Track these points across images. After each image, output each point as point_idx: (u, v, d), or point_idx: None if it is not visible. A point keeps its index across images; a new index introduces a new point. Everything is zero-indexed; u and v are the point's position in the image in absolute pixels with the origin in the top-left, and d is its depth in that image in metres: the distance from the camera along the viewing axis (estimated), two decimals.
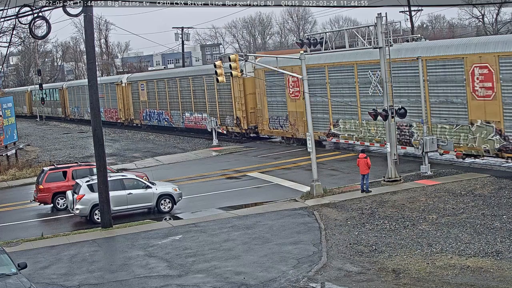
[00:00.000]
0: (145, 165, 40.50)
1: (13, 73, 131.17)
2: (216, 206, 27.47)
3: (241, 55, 28.83)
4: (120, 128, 67.69)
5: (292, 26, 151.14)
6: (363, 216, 22.98)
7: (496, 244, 18.66)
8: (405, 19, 59.30)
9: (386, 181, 27.88)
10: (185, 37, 76.38)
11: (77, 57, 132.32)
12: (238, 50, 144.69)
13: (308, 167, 29.86)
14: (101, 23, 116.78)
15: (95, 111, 25.01)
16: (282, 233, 21.66)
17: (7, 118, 44.28)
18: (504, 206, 22.68)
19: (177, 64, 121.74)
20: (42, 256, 21.30)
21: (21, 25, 27.05)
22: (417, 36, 37.83)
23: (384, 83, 27.87)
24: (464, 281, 16.05)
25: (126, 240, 22.64)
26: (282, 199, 27.08)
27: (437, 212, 22.55)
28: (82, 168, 30.57)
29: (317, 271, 17.61)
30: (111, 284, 18.04)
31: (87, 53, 25.34)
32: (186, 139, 52.55)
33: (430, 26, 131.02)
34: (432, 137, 29.24)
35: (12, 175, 39.27)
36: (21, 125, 73.53)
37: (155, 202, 27.02)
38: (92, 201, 26.05)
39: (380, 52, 27.77)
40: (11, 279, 15.84)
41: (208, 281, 17.51)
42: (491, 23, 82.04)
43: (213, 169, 36.87)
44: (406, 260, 17.96)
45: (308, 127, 27.79)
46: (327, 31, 35.79)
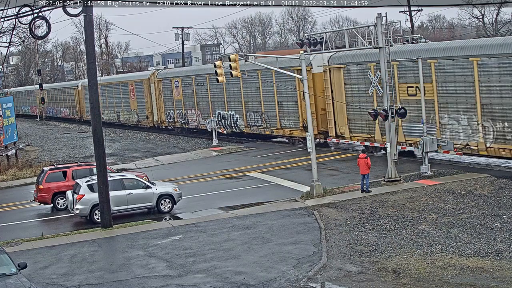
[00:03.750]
0: (145, 165, 40.50)
1: (13, 73, 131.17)
2: (216, 206, 27.47)
3: (241, 55, 28.79)
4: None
5: (292, 26, 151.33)
6: (363, 216, 22.98)
7: (496, 244, 18.67)
8: (405, 19, 59.42)
9: (386, 181, 27.88)
10: (185, 37, 76.37)
11: (77, 57, 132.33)
12: (238, 50, 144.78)
13: (308, 167, 29.86)
14: (101, 23, 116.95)
15: (95, 111, 25.03)
16: (282, 233, 21.66)
17: (7, 118, 44.29)
18: (504, 206, 22.68)
19: (177, 64, 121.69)
20: (42, 256, 21.30)
21: (21, 25, 27.06)
22: (417, 36, 37.82)
23: (384, 83, 27.87)
24: (464, 281, 16.05)
25: (126, 240, 22.64)
26: (282, 199, 27.07)
27: (437, 212, 22.55)
28: (82, 168, 30.56)
29: (317, 271, 17.61)
30: (111, 284, 18.04)
31: (87, 53, 25.34)
32: (186, 139, 52.53)
33: (430, 26, 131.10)
34: (432, 137, 29.24)
35: (12, 175, 39.27)
36: (21, 125, 73.53)
37: (155, 202, 27.02)
38: (92, 201, 26.05)
39: (380, 52, 27.77)
40: (11, 279, 15.84)
41: (208, 281, 17.52)
42: (491, 23, 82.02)
43: (213, 169, 36.87)
44: (406, 260, 17.96)
45: (308, 127, 27.78)
46: (327, 31, 35.81)
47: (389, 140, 28.00)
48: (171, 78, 56.66)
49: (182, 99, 54.26)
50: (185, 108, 53.70)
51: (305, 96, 27.92)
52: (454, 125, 30.41)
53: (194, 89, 52.23)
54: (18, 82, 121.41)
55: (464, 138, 29.89)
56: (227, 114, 48.54)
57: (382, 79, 28.02)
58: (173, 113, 56.65)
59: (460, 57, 29.62)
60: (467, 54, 29.18)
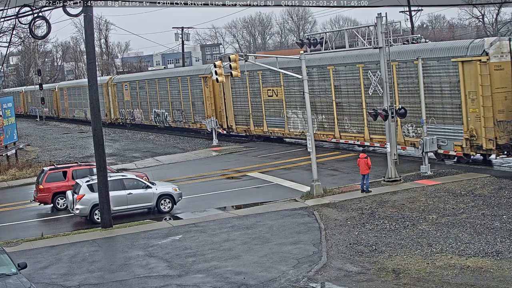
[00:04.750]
0: (145, 165, 40.50)
1: (13, 73, 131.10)
2: (216, 206, 27.47)
3: (241, 55, 28.79)
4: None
5: (292, 26, 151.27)
6: (363, 216, 22.98)
7: (496, 244, 18.67)
8: (405, 19, 59.42)
9: (386, 181, 27.89)
10: (185, 37, 76.36)
11: (77, 57, 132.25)
12: (238, 50, 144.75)
13: (308, 167, 29.85)
14: (101, 23, 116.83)
15: (95, 111, 25.03)
16: (282, 233, 21.66)
17: (7, 118, 44.29)
18: (504, 206, 22.68)
19: (177, 64, 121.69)
20: (42, 256, 21.30)
21: (21, 25, 27.01)
22: (417, 36, 37.82)
23: (384, 83, 27.88)
24: (464, 281, 16.05)
25: (126, 240, 22.64)
26: (282, 199, 27.07)
27: (437, 212, 22.55)
28: (82, 168, 30.55)
29: (317, 271, 17.61)
30: (111, 284, 18.04)
31: (87, 53, 25.34)
32: (186, 139, 52.56)
33: (430, 26, 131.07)
34: (432, 137, 29.24)
35: (12, 175, 39.26)
36: (21, 125, 73.52)
37: (155, 202, 27.02)
38: (92, 201, 26.05)
39: (380, 52, 27.77)
40: (11, 279, 15.83)
41: (208, 281, 17.52)
42: (491, 23, 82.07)
43: (213, 169, 36.87)
44: (406, 260, 17.95)
45: (308, 127, 27.79)
46: (327, 31, 35.87)
47: (389, 140, 28.00)
48: (122, 82, 67.06)
49: (130, 100, 64.87)
50: (132, 107, 64.86)
51: (305, 96, 27.87)
52: (295, 118, 41.52)
53: (138, 92, 62.98)
54: (18, 82, 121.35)
55: (301, 127, 40.71)
56: (160, 112, 59.35)
57: (382, 79, 28.03)
58: (124, 111, 67.29)
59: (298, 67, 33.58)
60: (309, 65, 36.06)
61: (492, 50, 28.88)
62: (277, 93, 42.32)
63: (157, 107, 59.34)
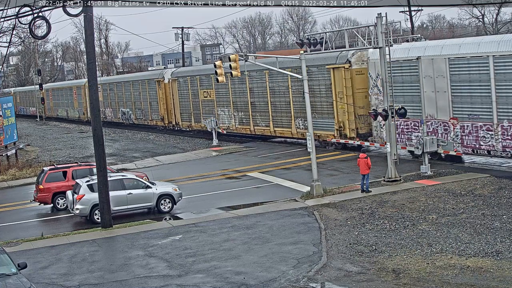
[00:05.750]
0: (145, 165, 40.50)
1: (13, 73, 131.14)
2: (216, 206, 27.47)
3: (241, 55, 28.79)
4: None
5: (292, 26, 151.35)
6: (363, 216, 22.97)
7: (496, 244, 18.66)
8: (405, 19, 59.39)
9: (386, 181, 27.88)
10: (185, 37, 76.31)
11: (77, 57, 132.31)
12: (238, 50, 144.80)
13: (308, 167, 29.86)
14: (101, 23, 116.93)
15: (95, 111, 25.03)
16: (282, 233, 21.66)
17: (7, 118, 44.29)
18: (504, 206, 22.68)
19: (177, 64, 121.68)
20: (42, 256, 21.30)
21: (21, 25, 26.99)
22: (417, 36, 37.80)
23: (384, 83, 27.88)
24: (464, 281, 16.05)
25: (126, 240, 22.64)
26: (282, 199, 27.07)
27: (437, 212, 22.55)
28: (82, 168, 30.56)
29: (317, 271, 17.61)
30: (111, 284, 18.04)
31: (87, 53, 25.34)
32: (186, 139, 52.59)
33: (430, 26, 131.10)
34: (432, 137, 29.23)
35: (12, 175, 39.26)
36: (21, 125, 73.58)
37: (155, 202, 27.02)
38: (92, 201, 26.05)
39: (380, 52, 27.77)
40: (11, 279, 15.83)
41: (208, 281, 17.51)
42: (491, 23, 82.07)
43: (213, 169, 36.88)
44: (406, 260, 17.95)
45: (308, 127, 27.78)
46: (327, 31, 35.89)
47: (389, 140, 28.00)
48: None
49: (102, 100, 70.60)
50: (104, 106, 71.52)
51: (305, 96, 27.88)
52: (223, 115, 49.05)
53: (108, 93, 71.38)
54: (18, 82, 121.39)
55: (227, 123, 48.72)
56: (126, 111, 67.72)
57: (382, 79, 28.04)
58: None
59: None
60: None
61: (354, 59, 36.42)
62: (210, 94, 50.69)
63: (124, 106, 68.24)
